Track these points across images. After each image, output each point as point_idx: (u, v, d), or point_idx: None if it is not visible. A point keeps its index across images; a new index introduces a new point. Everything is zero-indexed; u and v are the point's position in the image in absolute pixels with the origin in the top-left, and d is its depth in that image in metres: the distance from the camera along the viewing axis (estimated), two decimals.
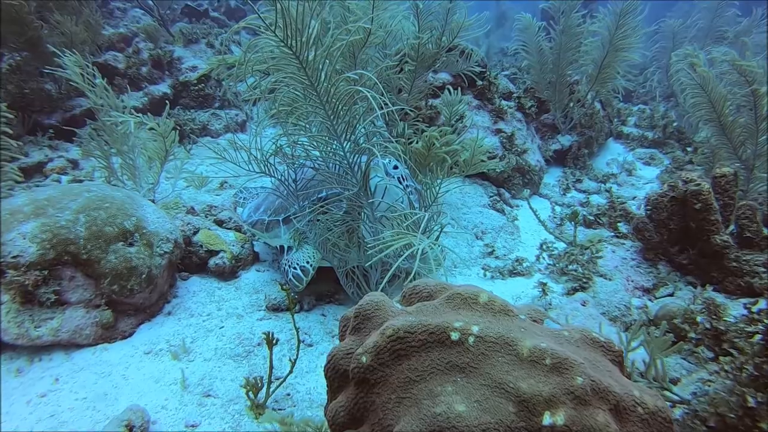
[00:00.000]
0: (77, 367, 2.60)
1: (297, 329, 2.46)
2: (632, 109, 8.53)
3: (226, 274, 3.44)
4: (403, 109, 4.52)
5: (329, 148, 2.78)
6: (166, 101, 6.68)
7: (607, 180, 5.90)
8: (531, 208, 4.34)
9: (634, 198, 5.48)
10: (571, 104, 6.25)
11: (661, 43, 8.99)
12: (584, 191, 5.56)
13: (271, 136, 3.05)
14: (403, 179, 3.04)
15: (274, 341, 2.37)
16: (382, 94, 3.21)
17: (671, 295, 3.38)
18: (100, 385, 2.49)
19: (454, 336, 1.19)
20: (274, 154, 3.01)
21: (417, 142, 3.28)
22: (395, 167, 3.03)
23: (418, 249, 2.29)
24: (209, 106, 7.09)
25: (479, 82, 5.41)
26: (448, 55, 4.75)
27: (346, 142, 2.63)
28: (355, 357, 1.26)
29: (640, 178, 6.28)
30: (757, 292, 3.01)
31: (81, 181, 4.64)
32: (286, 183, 3.06)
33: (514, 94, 5.96)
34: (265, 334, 2.36)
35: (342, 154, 2.69)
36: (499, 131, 5.29)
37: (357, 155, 2.71)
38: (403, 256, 2.54)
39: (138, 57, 7.08)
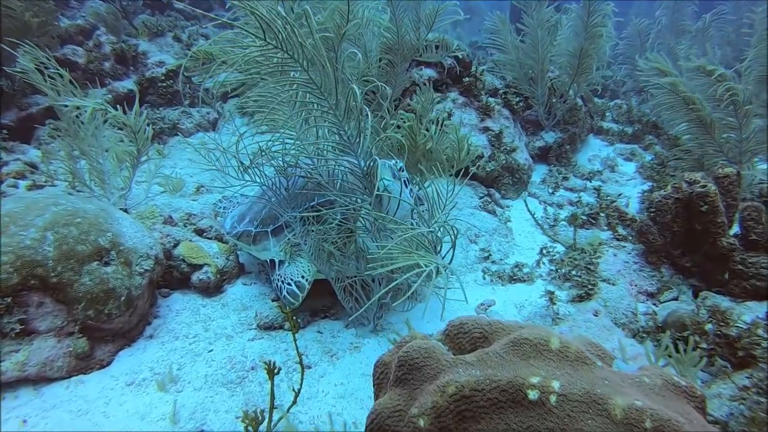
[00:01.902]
0: (49, 404, 2.30)
1: (300, 355, 2.24)
2: (609, 104, 8.56)
3: (211, 289, 3.17)
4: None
5: (335, 153, 2.55)
6: (135, 96, 6.34)
7: (593, 177, 5.85)
8: (529, 210, 4.21)
9: (619, 195, 5.43)
10: (554, 100, 6.17)
11: (627, 40, 9.20)
12: (573, 189, 5.48)
13: (255, 141, 2.79)
14: (408, 182, 2.85)
15: (276, 370, 2.14)
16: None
17: (676, 299, 3.30)
18: (78, 425, 2.21)
19: (533, 395, 1.01)
20: (260, 155, 2.75)
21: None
22: (401, 169, 2.82)
23: (427, 271, 2.12)
24: (179, 103, 6.70)
25: (466, 79, 5.25)
26: (429, 45, 4.62)
27: (358, 145, 2.38)
28: (410, 420, 1.06)
29: (623, 174, 6.27)
30: None
31: (42, 187, 4.27)
32: (277, 191, 2.82)
33: (500, 91, 5.83)
34: (265, 363, 2.13)
35: (355, 160, 2.45)
36: (486, 129, 5.15)
37: (369, 159, 2.47)
38: (407, 275, 2.36)
39: (100, 51, 6.61)
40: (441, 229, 2.43)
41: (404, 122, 3.20)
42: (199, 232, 3.60)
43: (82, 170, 3.94)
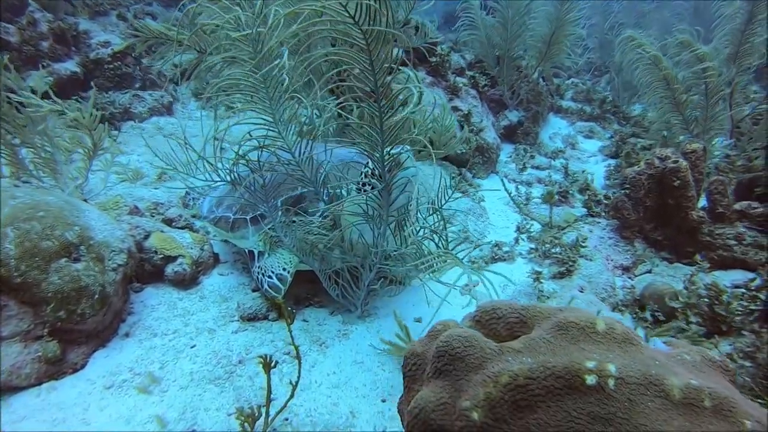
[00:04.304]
0: (18, 415, 2.12)
1: (297, 347, 2.15)
2: (566, 83, 8.73)
3: (187, 281, 3.00)
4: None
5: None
6: (79, 79, 5.91)
7: (557, 156, 5.95)
8: (506, 189, 4.23)
9: (583, 172, 5.56)
10: (518, 81, 6.22)
11: (591, 20, 9.36)
12: (539, 167, 5.57)
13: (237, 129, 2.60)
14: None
15: (273, 364, 2.05)
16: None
17: (649, 272, 3.41)
18: None
19: (590, 380, 0.97)
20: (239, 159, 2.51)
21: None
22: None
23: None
24: (128, 86, 6.29)
25: (433, 60, 5.19)
26: (405, 30, 4.50)
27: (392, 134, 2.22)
28: (461, 413, 1.01)
29: (584, 152, 6.43)
30: (750, 267, 3.07)
31: None
32: (252, 189, 2.61)
33: (467, 72, 5.81)
34: (261, 357, 2.03)
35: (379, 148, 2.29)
36: (455, 109, 5.12)
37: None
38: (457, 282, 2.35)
39: (35, 29, 6.10)
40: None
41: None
42: (168, 222, 3.40)
43: (25, 159, 3.63)
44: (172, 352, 2.53)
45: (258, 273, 2.83)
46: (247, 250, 2.97)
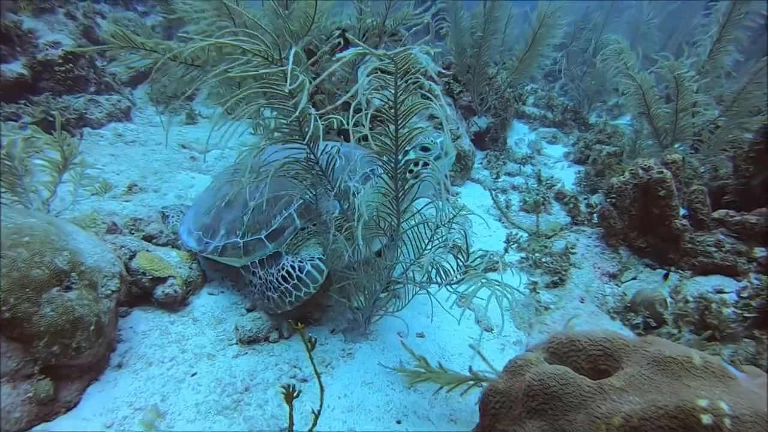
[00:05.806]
0: None
1: (318, 374, 2.06)
2: (527, 89, 8.94)
3: (177, 303, 2.83)
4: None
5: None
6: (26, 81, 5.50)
7: (526, 162, 6.09)
8: (494, 199, 4.26)
9: (552, 178, 5.71)
10: (487, 88, 6.31)
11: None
12: (511, 174, 5.67)
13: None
14: None
15: (296, 394, 1.95)
16: None
17: (635, 278, 3.53)
18: None
19: (706, 419, 0.97)
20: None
21: None
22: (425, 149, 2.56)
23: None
24: (82, 90, 5.90)
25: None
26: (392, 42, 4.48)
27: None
28: None
29: (549, 157, 6.60)
30: (732, 273, 3.22)
31: None
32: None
33: (441, 78, 5.83)
34: (284, 387, 1.92)
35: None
36: (431, 117, 5.12)
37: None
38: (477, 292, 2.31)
39: None
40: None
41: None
42: (149, 239, 3.20)
43: None
44: (173, 383, 2.37)
45: (283, 269, 2.65)
46: (262, 258, 2.79)
